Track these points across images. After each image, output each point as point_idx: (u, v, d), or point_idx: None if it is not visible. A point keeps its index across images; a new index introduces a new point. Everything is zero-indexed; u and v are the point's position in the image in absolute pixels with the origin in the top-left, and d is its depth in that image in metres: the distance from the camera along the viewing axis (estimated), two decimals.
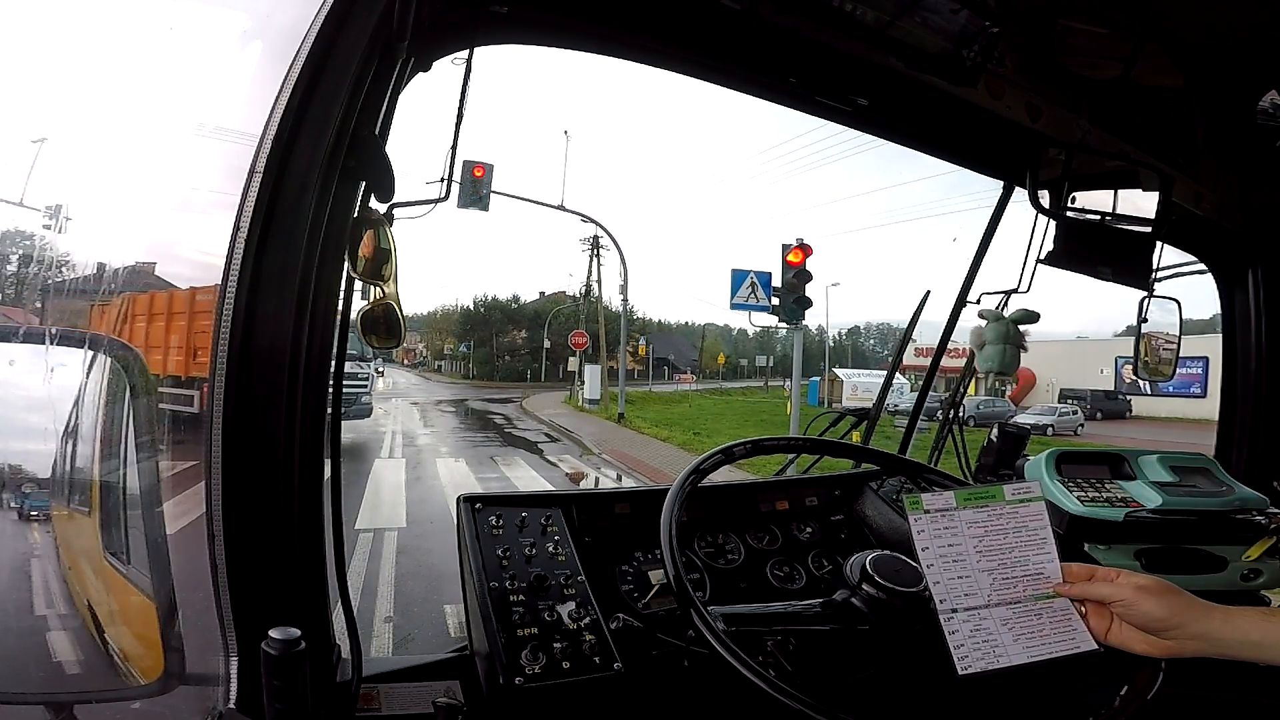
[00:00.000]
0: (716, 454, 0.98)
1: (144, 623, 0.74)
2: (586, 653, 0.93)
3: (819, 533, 1.30)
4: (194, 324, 1.04)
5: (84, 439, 0.78)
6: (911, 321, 1.94)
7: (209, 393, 0.74)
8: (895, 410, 3.62)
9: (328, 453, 0.85)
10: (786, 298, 9.70)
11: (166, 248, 1.20)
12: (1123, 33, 1.28)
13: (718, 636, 0.78)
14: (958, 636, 0.79)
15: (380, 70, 0.82)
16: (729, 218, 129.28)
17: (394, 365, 59.10)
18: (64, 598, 0.76)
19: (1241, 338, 1.82)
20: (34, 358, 0.78)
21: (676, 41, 1.11)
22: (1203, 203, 1.60)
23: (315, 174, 0.77)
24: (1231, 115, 1.57)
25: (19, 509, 0.74)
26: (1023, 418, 18.13)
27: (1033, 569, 0.84)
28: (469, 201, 12.39)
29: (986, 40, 1.10)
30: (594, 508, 1.19)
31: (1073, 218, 1.44)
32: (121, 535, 0.78)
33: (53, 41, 0.95)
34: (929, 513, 0.84)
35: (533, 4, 0.99)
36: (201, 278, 0.83)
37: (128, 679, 0.76)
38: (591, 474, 11.22)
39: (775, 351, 57.69)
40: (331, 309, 0.83)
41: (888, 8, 1.04)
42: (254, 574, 0.77)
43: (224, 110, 0.93)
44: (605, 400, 23.06)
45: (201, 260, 0.88)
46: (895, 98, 1.25)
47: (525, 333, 50.47)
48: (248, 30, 0.98)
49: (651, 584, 1.09)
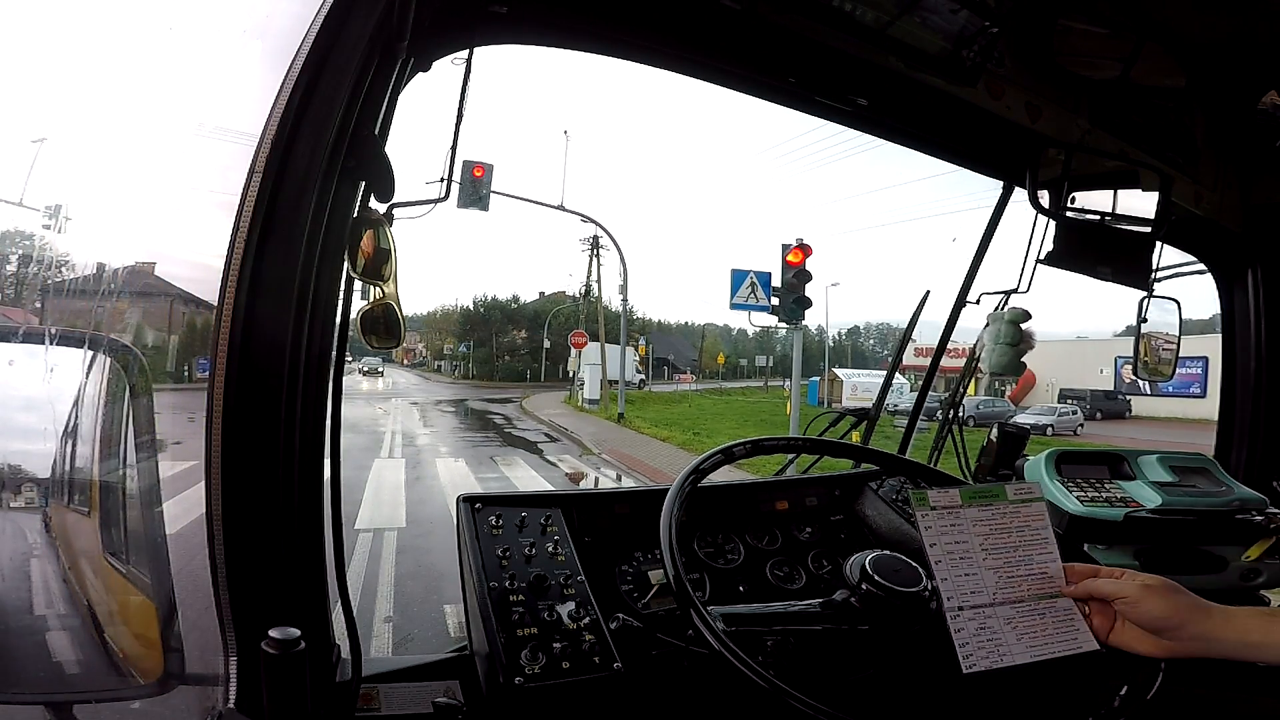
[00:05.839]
0: (716, 454, 0.98)
1: (144, 623, 0.74)
2: (586, 653, 0.93)
3: (819, 533, 1.30)
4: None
5: (84, 439, 0.78)
6: (911, 321, 1.94)
7: (209, 393, 0.74)
8: (895, 410, 3.62)
9: (328, 453, 0.85)
10: (786, 298, 9.70)
11: (166, 248, 1.20)
12: (1122, 32, 1.27)
13: (717, 636, 0.78)
14: (963, 635, 0.79)
15: (380, 70, 0.82)
16: (729, 218, 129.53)
17: (394, 365, 59.24)
18: (64, 598, 0.76)
19: (1241, 338, 1.82)
20: (34, 358, 0.78)
21: (676, 41, 1.11)
22: (1202, 203, 1.60)
23: (315, 174, 0.77)
24: (1231, 115, 1.57)
25: (19, 509, 0.74)
26: (1022, 418, 18.14)
27: (1036, 568, 0.84)
28: (469, 201, 12.38)
29: (986, 40, 1.10)
30: (594, 508, 1.19)
31: (1072, 218, 1.44)
32: (121, 535, 0.78)
33: (53, 41, 0.95)
34: (935, 509, 0.84)
35: (532, 4, 0.98)
36: (201, 278, 0.83)
37: (127, 679, 0.76)
38: (591, 474, 11.21)
39: (775, 351, 57.70)
40: (331, 309, 0.83)
41: (888, 8, 1.04)
42: (253, 574, 0.77)
43: (224, 110, 0.94)
44: (605, 400, 23.06)
45: (201, 260, 0.88)
46: (895, 98, 1.25)
47: (525, 333, 50.46)
48: (248, 30, 0.98)
49: (651, 584, 1.09)
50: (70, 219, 1.09)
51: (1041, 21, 1.26)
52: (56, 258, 1.11)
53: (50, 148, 0.99)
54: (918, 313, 1.94)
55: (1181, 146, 1.53)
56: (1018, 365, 1.63)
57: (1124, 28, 1.27)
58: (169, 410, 0.86)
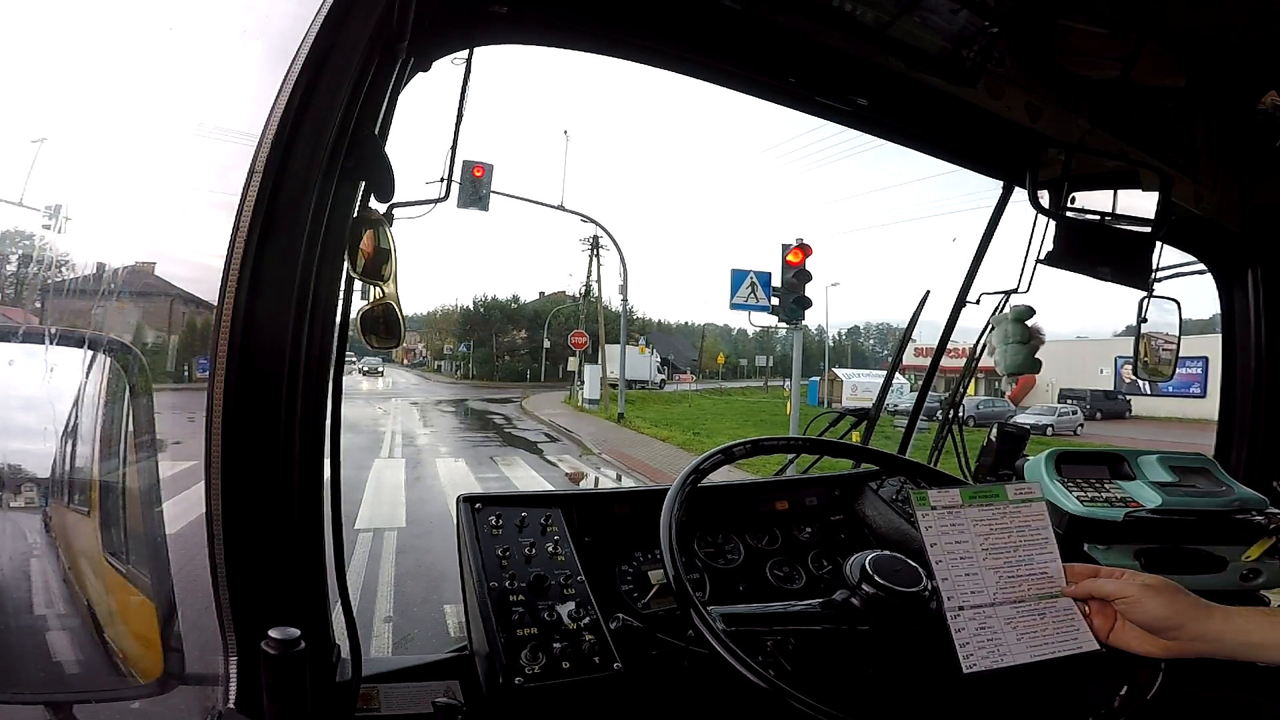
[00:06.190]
0: (716, 454, 0.98)
1: (144, 623, 0.74)
2: (586, 653, 0.93)
3: (819, 533, 1.30)
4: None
5: (83, 439, 0.78)
6: (911, 321, 1.94)
7: (209, 393, 0.74)
8: (895, 410, 3.62)
9: (328, 452, 0.85)
10: (786, 298, 9.70)
11: (166, 248, 1.20)
12: (1122, 33, 1.27)
13: (717, 636, 0.78)
14: (963, 634, 0.78)
15: (380, 70, 0.82)
16: (729, 218, 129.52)
17: (394, 365, 59.23)
18: (64, 598, 0.76)
19: (1241, 338, 1.82)
20: (34, 358, 0.78)
21: (676, 41, 1.10)
22: (1202, 203, 1.60)
23: (315, 174, 0.77)
24: (1231, 115, 1.57)
25: (19, 509, 0.74)
26: (1022, 418, 18.14)
27: (1037, 568, 0.84)
28: (469, 201, 12.39)
29: (986, 40, 1.10)
30: (594, 508, 1.19)
31: (1072, 218, 1.44)
32: (121, 535, 0.78)
33: (53, 41, 0.95)
34: (936, 509, 0.84)
35: (532, 4, 0.98)
36: (201, 278, 0.83)
37: (127, 679, 0.76)
38: (591, 474, 11.21)
39: (775, 351, 57.79)
40: (331, 309, 0.83)
41: (888, 8, 1.04)
42: (253, 574, 0.77)
43: (224, 110, 0.94)
44: (605, 400, 23.06)
45: (201, 260, 0.88)
46: (895, 98, 1.25)
47: (525, 333, 50.47)
48: (248, 30, 0.98)
49: (651, 584, 1.09)
50: (70, 219, 1.09)
51: (1041, 21, 1.26)
52: (56, 258, 1.11)
53: (50, 148, 0.99)
54: (918, 313, 1.94)
55: (1181, 146, 1.53)
56: (1033, 362, 1.63)
57: (1124, 28, 1.27)
58: (169, 410, 0.86)
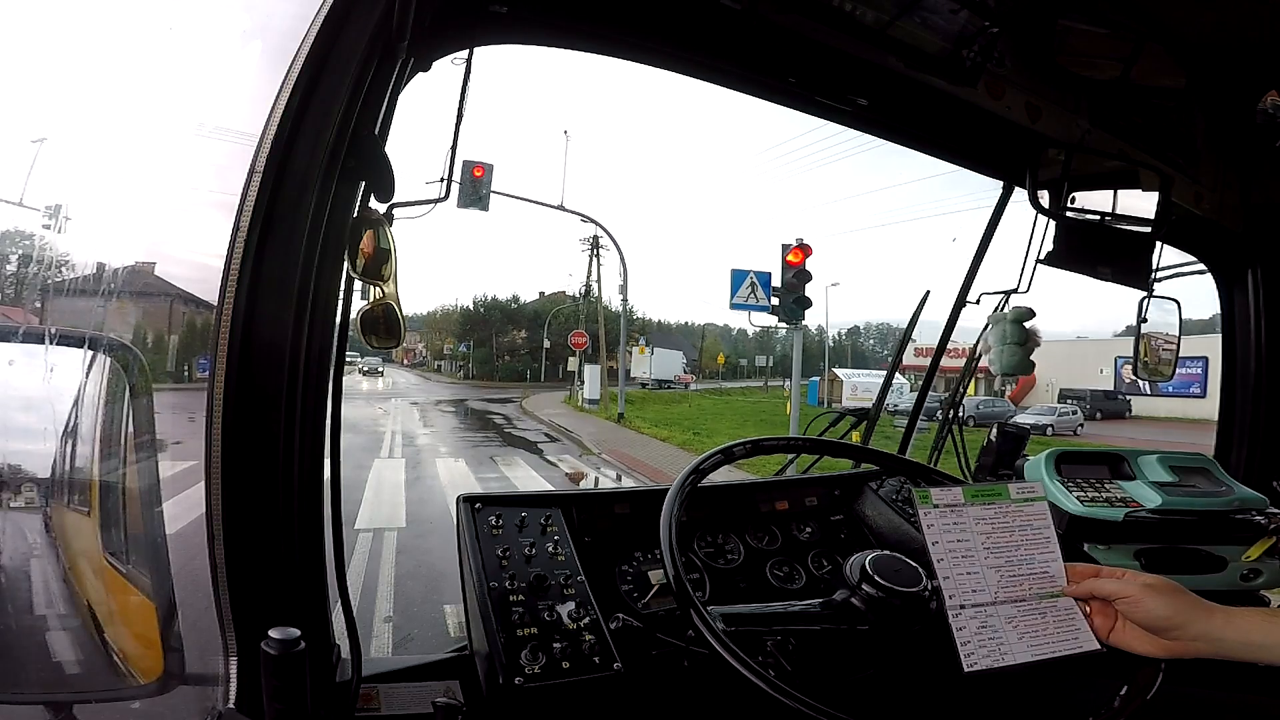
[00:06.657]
0: (716, 454, 0.98)
1: (144, 623, 0.74)
2: (586, 653, 0.93)
3: (819, 533, 1.30)
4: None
5: (83, 439, 0.78)
6: (911, 321, 1.94)
7: (209, 392, 0.74)
8: (895, 410, 3.62)
9: (328, 452, 0.85)
10: (786, 298, 9.70)
11: (166, 248, 1.20)
12: (1123, 33, 1.27)
13: (717, 636, 0.78)
14: (964, 633, 0.78)
15: (380, 70, 0.82)
16: (729, 218, 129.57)
17: (394, 365, 59.23)
18: (64, 598, 0.76)
19: (1241, 338, 1.82)
20: (34, 358, 0.78)
21: (676, 41, 1.11)
22: (1202, 203, 1.60)
23: (315, 174, 0.77)
24: (1231, 115, 1.57)
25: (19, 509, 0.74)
26: (1022, 418, 18.13)
27: (1038, 568, 0.84)
28: (469, 201, 12.38)
29: (986, 40, 1.10)
30: (594, 508, 1.19)
31: (1072, 218, 1.44)
32: (121, 535, 0.78)
33: (53, 41, 0.95)
34: (938, 507, 0.83)
35: (533, 4, 0.98)
36: (201, 278, 0.83)
37: (127, 679, 0.76)
38: (591, 474, 11.21)
39: (775, 351, 57.80)
40: (331, 309, 0.83)
41: (888, 8, 1.04)
42: (253, 574, 0.77)
43: (224, 110, 0.93)
44: (605, 400, 23.05)
45: (201, 260, 0.88)
46: (895, 98, 1.25)
47: (525, 333, 50.42)
48: (248, 30, 0.98)
49: (651, 584, 1.09)
50: (70, 219, 1.09)
51: (1041, 21, 1.26)
52: (56, 258, 1.11)
53: (50, 148, 0.99)
54: (918, 313, 1.94)
55: (1181, 147, 1.53)
56: (1028, 364, 1.63)
57: (1124, 28, 1.27)
58: (169, 410, 0.86)
